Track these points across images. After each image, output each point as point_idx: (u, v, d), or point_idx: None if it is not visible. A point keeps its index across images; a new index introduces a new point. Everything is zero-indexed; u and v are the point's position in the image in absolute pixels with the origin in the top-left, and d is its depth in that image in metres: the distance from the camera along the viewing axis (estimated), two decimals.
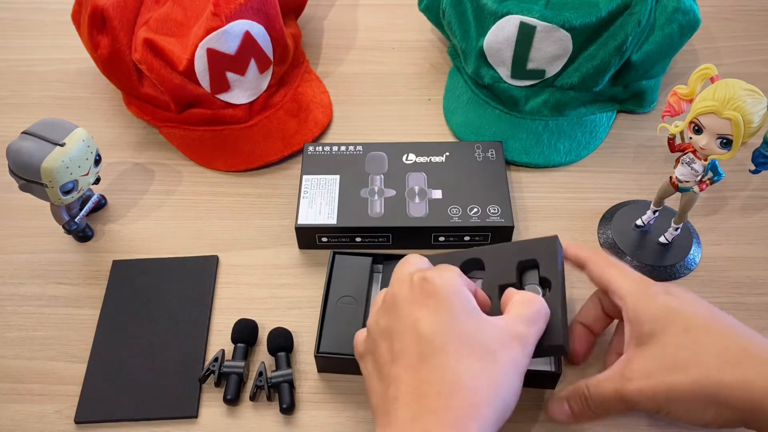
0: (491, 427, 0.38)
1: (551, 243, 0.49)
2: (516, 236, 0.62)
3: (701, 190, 0.53)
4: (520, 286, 0.49)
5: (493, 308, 0.48)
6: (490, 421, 0.38)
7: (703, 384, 0.39)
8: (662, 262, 0.60)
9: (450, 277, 0.43)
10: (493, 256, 0.51)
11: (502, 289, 0.48)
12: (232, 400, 0.52)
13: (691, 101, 0.50)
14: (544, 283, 0.49)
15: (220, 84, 0.67)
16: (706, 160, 0.51)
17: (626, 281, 0.46)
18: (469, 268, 0.52)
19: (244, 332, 0.55)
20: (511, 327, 0.42)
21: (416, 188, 0.63)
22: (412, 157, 0.65)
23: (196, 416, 0.53)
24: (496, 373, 0.39)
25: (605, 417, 0.45)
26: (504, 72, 0.69)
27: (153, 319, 0.58)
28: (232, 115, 0.69)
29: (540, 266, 0.49)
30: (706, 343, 0.41)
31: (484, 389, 0.38)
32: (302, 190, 0.63)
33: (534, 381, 0.52)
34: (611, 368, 0.44)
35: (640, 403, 0.42)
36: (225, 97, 0.68)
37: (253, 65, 0.68)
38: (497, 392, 0.39)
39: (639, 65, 0.67)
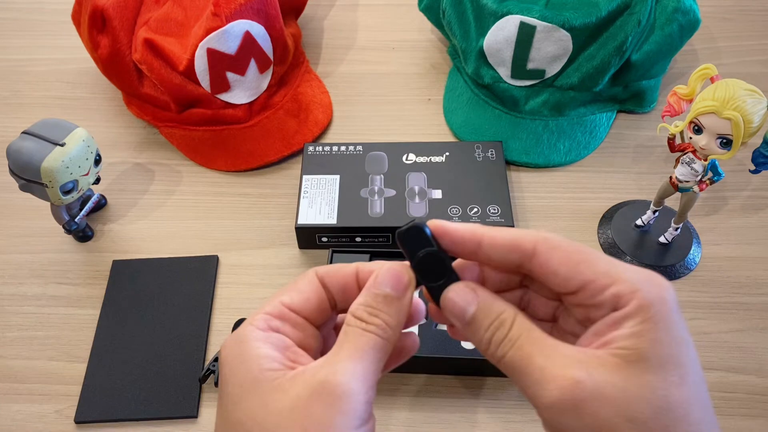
0: None
1: None
2: None
3: (701, 190, 0.53)
4: None
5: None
6: None
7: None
8: (662, 262, 0.60)
9: (234, 357, 0.31)
10: None
11: None
12: None
13: (691, 101, 0.50)
14: None
15: (220, 84, 0.67)
16: (706, 160, 0.51)
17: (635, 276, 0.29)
18: None
19: None
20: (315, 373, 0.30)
21: (416, 188, 0.63)
22: (412, 157, 0.65)
23: (196, 416, 0.53)
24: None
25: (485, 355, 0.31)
26: (504, 72, 0.69)
27: (153, 319, 0.58)
28: (232, 115, 0.69)
29: None
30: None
31: None
32: (302, 190, 0.63)
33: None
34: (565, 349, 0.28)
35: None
36: (225, 97, 0.68)
37: (253, 65, 0.68)
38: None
39: (639, 65, 0.67)
